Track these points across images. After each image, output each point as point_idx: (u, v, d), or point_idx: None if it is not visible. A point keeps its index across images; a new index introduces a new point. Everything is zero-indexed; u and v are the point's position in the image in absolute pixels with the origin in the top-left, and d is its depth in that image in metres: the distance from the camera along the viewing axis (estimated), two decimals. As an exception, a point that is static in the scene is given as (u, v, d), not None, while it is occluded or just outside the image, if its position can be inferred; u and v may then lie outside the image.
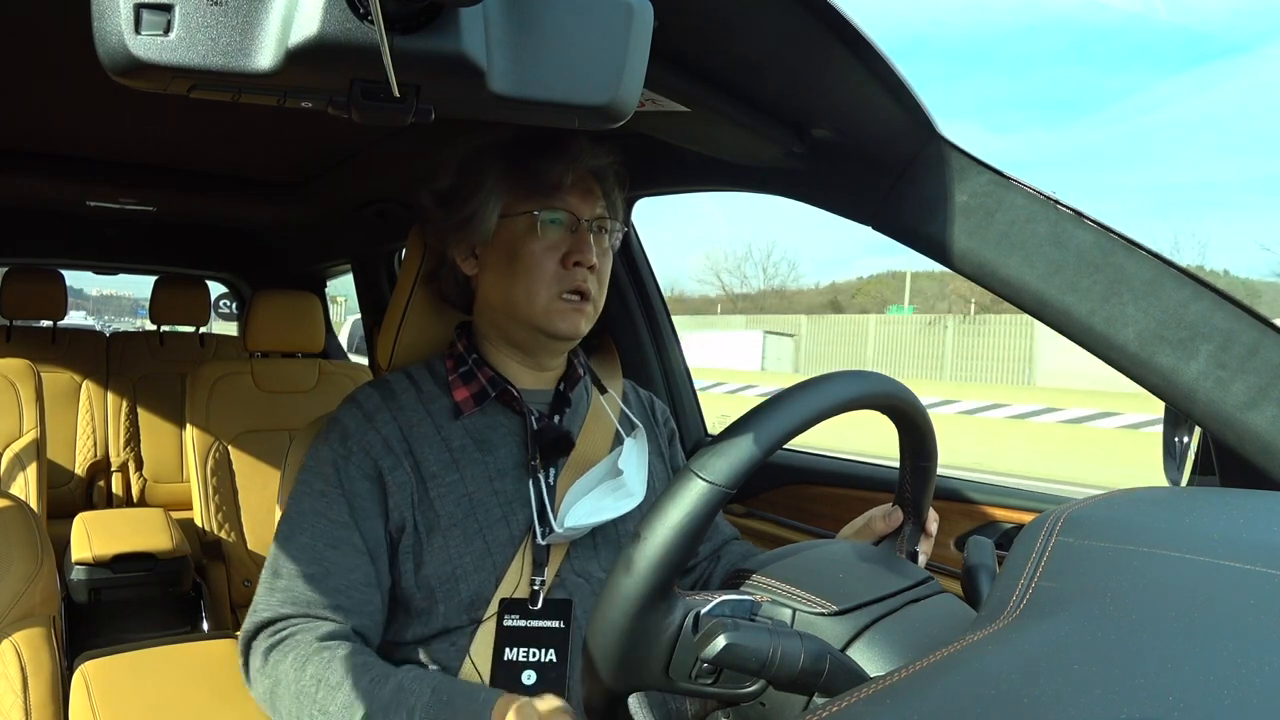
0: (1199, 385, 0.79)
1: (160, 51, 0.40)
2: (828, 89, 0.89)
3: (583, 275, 0.93)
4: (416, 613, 0.90)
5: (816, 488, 1.44)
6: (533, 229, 0.93)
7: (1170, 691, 0.38)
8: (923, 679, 0.42)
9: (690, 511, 0.59)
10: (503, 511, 0.92)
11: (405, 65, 0.43)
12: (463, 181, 0.97)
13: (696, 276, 33.75)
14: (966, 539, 0.84)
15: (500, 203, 0.95)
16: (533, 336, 0.97)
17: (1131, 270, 0.82)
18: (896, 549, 0.86)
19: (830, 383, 0.68)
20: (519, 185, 0.94)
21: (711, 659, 0.56)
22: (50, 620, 1.02)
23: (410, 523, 0.90)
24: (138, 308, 21.56)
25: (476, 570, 0.89)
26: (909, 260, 33.84)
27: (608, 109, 0.50)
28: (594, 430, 1.01)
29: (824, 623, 0.61)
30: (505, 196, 0.95)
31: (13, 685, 0.92)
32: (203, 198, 2.13)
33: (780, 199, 1.16)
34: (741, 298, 31.48)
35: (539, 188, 0.94)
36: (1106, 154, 46.65)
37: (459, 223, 0.96)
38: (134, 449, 2.79)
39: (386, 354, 1.07)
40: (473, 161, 0.97)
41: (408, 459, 0.92)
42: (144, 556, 2.01)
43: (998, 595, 0.51)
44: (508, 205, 0.95)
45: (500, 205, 0.95)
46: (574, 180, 0.95)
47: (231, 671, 1.12)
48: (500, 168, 0.95)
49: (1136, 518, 0.57)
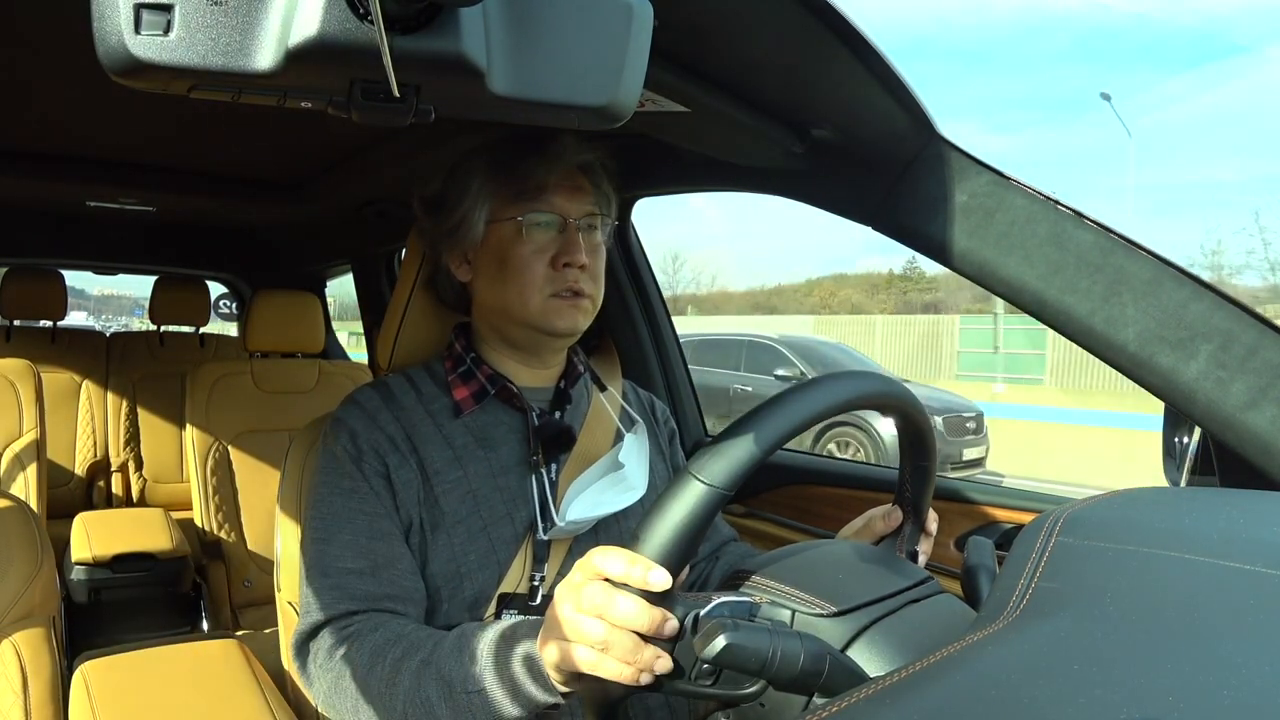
0: (1199, 385, 0.79)
1: (160, 51, 0.40)
2: (828, 89, 0.89)
3: (574, 275, 0.93)
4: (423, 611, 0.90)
5: (816, 488, 1.44)
6: (520, 233, 0.93)
7: (1170, 691, 0.38)
8: (923, 679, 0.42)
9: (689, 513, 0.59)
10: (506, 508, 0.92)
11: (405, 65, 0.43)
12: (449, 188, 0.97)
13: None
14: (966, 539, 0.84)
15: (487, 208, 0.95)
16: (531, 337, 0.97)
17: (1131, 270, 0.82)
18: (896, 549, 0.86)
19: (829, 383, 0.68)
20: (504, 189, 0.94)
21: (711, 659, 0.56)
22: (50, 620, 1.02)
23: (416, 520, 0.90)
24: (135, 307, 21.51)
25: (481, 568, 0.89)
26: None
27: (608, 109, 0.50)
28: (595, 426, 1.01)
29: (824, 623, 0.61)
30: (491, 201, 0.95)
31: (13, 685, 0.92)
32: (203, 198, 2.13)
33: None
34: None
35: (524, 191, 0.93)
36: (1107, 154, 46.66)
37: (448, 230, 0.96)
38: (134, 449, 2.79)
39: (386, 355, 1.07)
40: (459, 167, 0.97)
41: (412, 456, 0.92)
42: (144, 556, 2.01)
43: (998, 595, 0.51)
44: (494, 210, 0.95)
45: (487, 211, 0.95)
46: (559, 179, 0.94)
47: (231, 671, 1.12)
48: (485, 172, 0.95)
49: (1136, 518, 0.57)
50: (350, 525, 0.88)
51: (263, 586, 2.17)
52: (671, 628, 0.59)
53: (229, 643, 1.20)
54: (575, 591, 0.62)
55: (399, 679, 0.76)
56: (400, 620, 0.84)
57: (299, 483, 1.06)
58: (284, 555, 1.07)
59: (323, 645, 0.84)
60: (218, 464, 2.22)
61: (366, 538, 0.87)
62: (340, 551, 0.87)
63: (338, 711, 0.81)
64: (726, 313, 26.03)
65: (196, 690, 1.07)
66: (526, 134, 0.94)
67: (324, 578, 0.87)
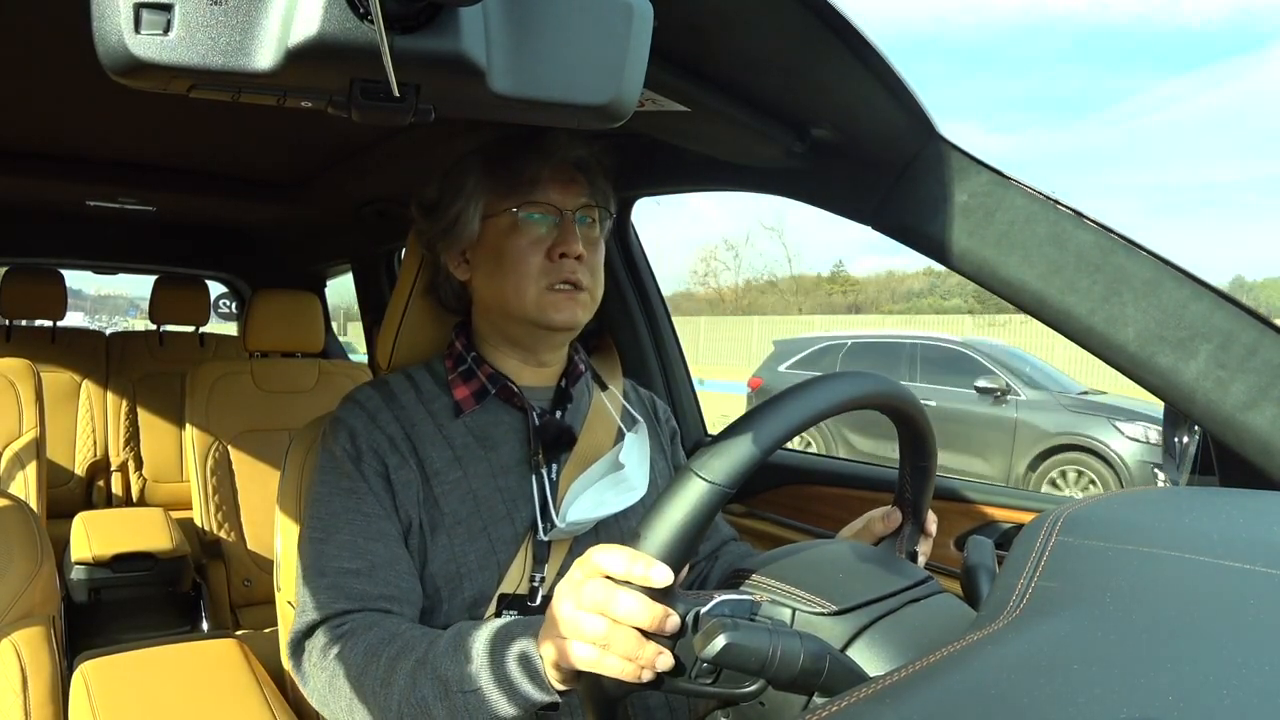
0: (1199, 385, 0.79)
1: (160, 51, 0.40)
2: (828, 89, 0.89)
3: (571, 266, 0.93)
4: (420, 612, 0.90)
5: (816, 488, 1.44)
6: (515, 226, 0.93)
7: (1170, 691, 0.38)
8: (923, 679, 0.42)
9: (690, 511, 0.59)
10: (507, 509, 0.92)
11: (405, 65, 0.43)
12: (445, 189, 0.97)
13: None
14: (966, 539, 0.84)
15: (482, 204, 0.95)
16: (530, 332, 0.97)
17: (1131, 270, 0.82)
18: (896, 549, 0.86)
19: (830, 383, 0.68)
20: (499, 185, 0.95)
21: (711, 658, 0.56)
22: (50, 620, 1.02)
23: (416, 521, 0.90)
24: (129, 307, 21.47)
25: (481, 569, 0.89)
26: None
27: (608, 109, 0.50)
28: (596, 426, 1.01)
29: (824, 622, 0.61)
30: (486, 197, 0.95)
31: (13, 685, 0.92)
32: (203, 198, 2.13)
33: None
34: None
35: (518, 185, 0.94)
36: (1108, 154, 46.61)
37: (444, 229, 0.97)
38: (134, 449, 2.79)
39: (386, 355, 1.07)
40: (454, 168, 0.98)
41: (412, 457, 0.92)
42: (144, 556, 2.01)
43: (998, 595, 0.51)
44: (489, 205, 0.95)
45: (482, 206, 0.95)
46: (553, 173, 0.95)
47: (231, 671, 1.12)
48: (479, 169, 0.95)
49: (1136, 518, 0.58)
50: (348, 525, 0.88)
51: (263, 586, 2.17)
52: (673, 624, 0.59)
53: (229, 643, 1.20)
54: (576, 589, 0.62)
55: (394, 678, 0.76)
56: (395, 619, 0.84)
57: (299, 482, 1.06)
58: (284, 555, 1.07)
59: (317, 644, 0.84)
60: (217, 464, 2.22)
61: (364, 538, 0.87)
62: (337, 551, 0.87)
63: (332, 711, 0.81)
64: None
65: (196, 690, 1.07)
66: (520, 130, 0.95)
67: (320, 577, 0.87)
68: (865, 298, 27.88)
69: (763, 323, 20.75)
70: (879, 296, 26.23)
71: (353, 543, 0.87)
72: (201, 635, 2.00)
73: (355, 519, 0.88)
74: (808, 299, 28.81)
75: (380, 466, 0.90)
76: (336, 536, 0.88)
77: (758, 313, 25.73)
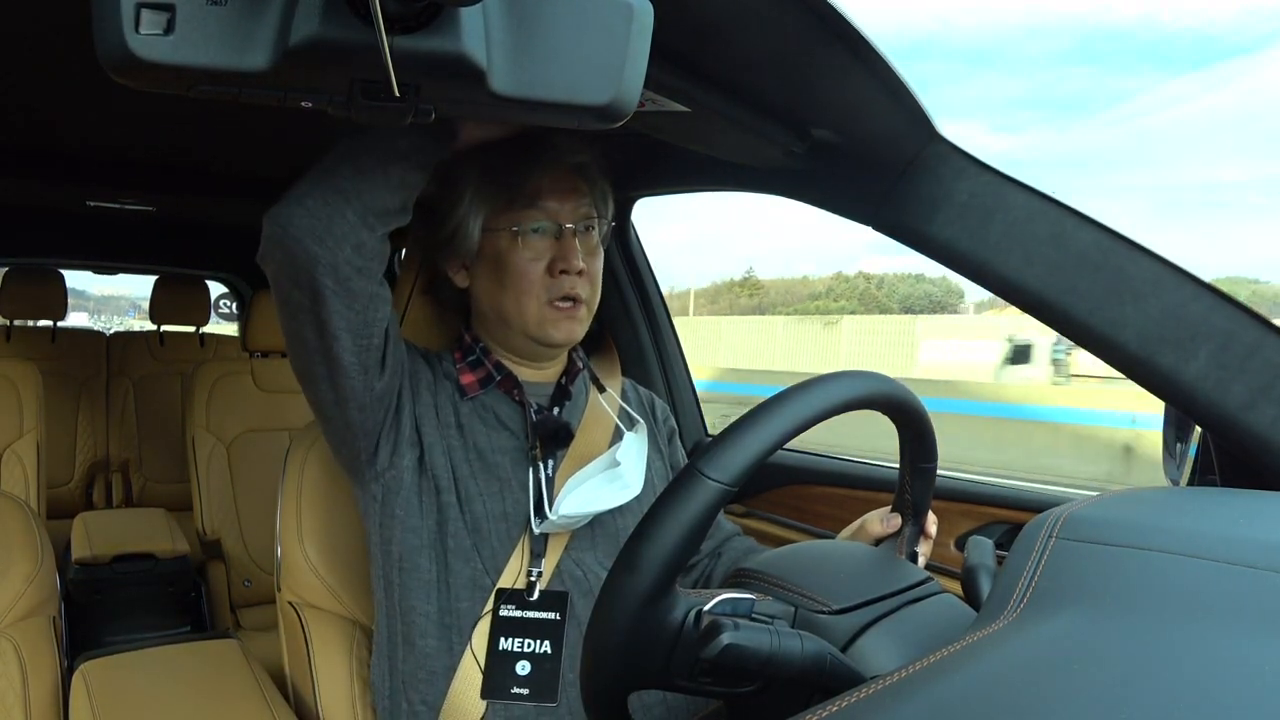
0: (1199, 385, 0.79)
1: (160, 51, 0.40)
2: (828, 89, 0.89)
3: (571, 282, 0.93)
4: (425, 582, 0.91)
5: (816, 488, 1.44)
6: (515, 242, 0.93)
7: (1170, 691, 0.38)
8: (923, 679, 0.42)
9: (693, 508, 0.59)
10: (500, 485, 0.94)
11: (405, 65, 0.43)
12: (442, 193, 0.96)
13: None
14: (966, 539, 0.84)
15: (481, 216, 0.94)
16: (529, 345, 0.98)
17: (1131, 270, 0.82)
18: (896, 550, 0.86)
19: (832, 382, 0.68)
20: (498, 196, 0.93)
21: (712, 658, 0.56)
22: (50, 620, 1.03)
23: (417, 443, 0.93)
24: (130, 308, 21.52)
25: (478, 497, 0.93)
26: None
27: (608, 109, 0.50)
28: (593, 425, 1.02)
29: (824, 622, 0.61)
30: (485, 209, 0.94)
31: (13, 685, 0.92)
32: (203, 198, 2.13)
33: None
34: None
35: (518, 197, 0.93)
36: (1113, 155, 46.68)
37: (444, 239, 0.96)
38: (134, 449, 2.79)
39: None
40: (449, 174, 0.95)
41: (433, 396, 0.97)
42: (144, 556, 2.01)
43: (998, 595, 0.51)
44: (489, 219, 0.94)
45: (482, 219, 0.94)
46: (552, 182, 0.94)
47: (231, 672, 1.12)
48: (477, 178, 0.94)
49: (1136, 518, 0.57)
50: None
51: (263, 586, 2.17)
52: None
53: (229, 643, 1.20)
54: None
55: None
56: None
57: (299, 482, 1.06)
58: (284, 555, 1.07)
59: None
60: (218, 464, 2.22)
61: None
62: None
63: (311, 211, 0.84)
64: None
65: (196, 691, 1.07)
66: (517, 136, 0.92)
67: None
68: (765, 301, 29.63)
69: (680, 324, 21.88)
70: (781, 299, 28.41)
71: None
72: (201, 635, 2.00)
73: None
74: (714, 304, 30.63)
75: (412, 376, 0.95)
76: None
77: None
